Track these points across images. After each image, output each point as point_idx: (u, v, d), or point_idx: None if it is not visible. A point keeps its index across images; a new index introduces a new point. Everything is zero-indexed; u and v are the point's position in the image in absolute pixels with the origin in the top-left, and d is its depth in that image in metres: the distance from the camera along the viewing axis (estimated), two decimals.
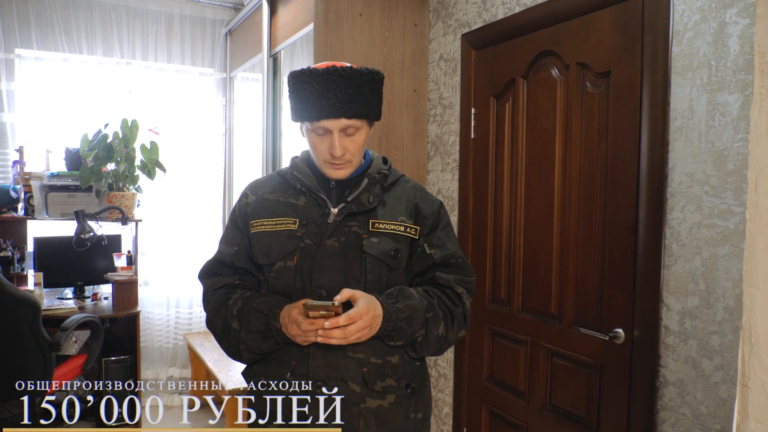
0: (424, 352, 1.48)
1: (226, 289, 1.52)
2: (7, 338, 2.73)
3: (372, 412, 1.41)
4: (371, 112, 1.44)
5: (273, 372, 1.45)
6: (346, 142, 1.42)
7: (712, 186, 1.75)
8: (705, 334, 1.78)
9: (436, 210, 1.55)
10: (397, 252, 1.46)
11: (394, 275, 1.47)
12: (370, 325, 1.33)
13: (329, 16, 2.80)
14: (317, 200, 1.49)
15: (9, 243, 3.54)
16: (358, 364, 1.41)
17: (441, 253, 1.51)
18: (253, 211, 1.53)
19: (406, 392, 1.46)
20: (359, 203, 1.47)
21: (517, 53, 2.50)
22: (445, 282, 1.50)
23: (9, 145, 3.70)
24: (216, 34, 4.27)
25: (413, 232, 1.49)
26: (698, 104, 1.79)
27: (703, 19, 1.77)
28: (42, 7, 3.75)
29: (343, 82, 1.37)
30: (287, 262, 1.45)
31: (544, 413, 2.39)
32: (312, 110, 1.39)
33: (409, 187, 1.57)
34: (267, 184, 1.59)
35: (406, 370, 1.47)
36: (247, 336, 1.43)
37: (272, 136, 3.51)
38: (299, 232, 1.45)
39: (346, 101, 1.37)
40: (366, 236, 1.45)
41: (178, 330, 4.27)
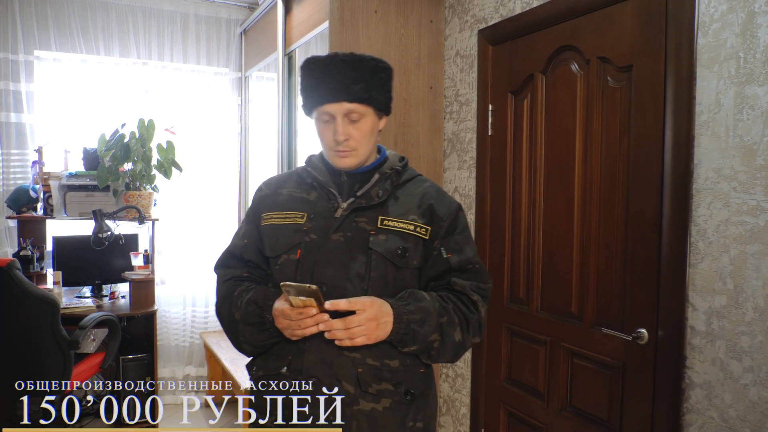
0: (440, 359, 1.44)
1: (234, 280, 1.53)
2: (26, 336, 2.75)
3: (365, 415, 1.36)
4: (374, 99, 1.43)
5: (271, 366, 1.43)
6: (349, 128, 1.41)
7: (740, 182, 1.70)
8: (733, 335, 1.73)
9: (453, 212, 1.50)
10: (405, 251, 1.42)
11: (401, 275, 1.43)
12: (376, 319, 1.31)
13: (344, 14, 2.78)
14: (327, 194, 1.48)
15: (29, 242, 3.57)
16: (353, 364, 1.37)
17: (458, 258, 1.47)
18: (266, 205, 1.54)
19: (405, 398, 1.40)
20: (368, 198, 1.45)
21: (535, 48, 2.46)
22: (460, 288, 1.46)
23: (28, 145, 3.73)
24: (231, 34, 4.28)
25: (423, 232, 1.45)
26: (725, 97, 1.74)
27: (731, 10, 1.71)
28: (60, 9, 3.78)
29: (344, 66, 1.39)
30: (290, 256, 1.44)
31: (564, 415, 2.34)
32: (315, 96, 1.41)
33: (426, 186, 1.53)
34: (281, 180, 1.60)
35: (407, 376, 1.41)
36: (244, 328, 1.43)
37: (287, 135, 3.50)
38: (306, 226, 1.44)
39: (346, 84, 1.38)
40: (373, 233, 1.42)
41: (194, 329, 4.28)
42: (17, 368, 2.79)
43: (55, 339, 2.77)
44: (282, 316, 1.33)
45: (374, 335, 1.32)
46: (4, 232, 3.71)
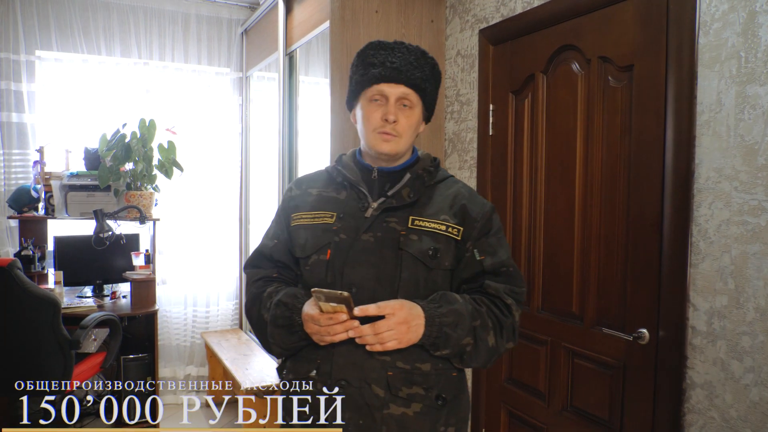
0: (473, 363, 1.40)
1: (264, 281, 1.51)
2: (27, 336, 2.75)
3: (395, 420, 1.34)
4: (428, 94, 1.46)
5: (300, 369, 1.42)
6: (400, 114, 1.41)
7: (741, 181, 1.70)
8: (735, 335, 1.72)
9: (486, 213, 1.47)
10: (437, 252, 1.39)
11: (432, 276, 1.40)
12: (406, 322, 1.28)
13: (345, 14, 2.78)
14: (358, 194, 1.46)
15: (30, 242, 3.57)
16: (382, 367, 1.34)
17: (491, 260, 1.43)
18: (296, 205, 1.53)
19: (436, 403, 1.37)
20: (399, 198, 1.43)
21: (536, 48, 2.45)
22: (494, 291, 1.42)
23: (30, 145, 3.73)
24: (232, 34, 4.28)
25: (455, 233, 1.42)
26: (727, 97, 1.73)
27: (732, 9, 1.71)
28: (61, 10, 3.78)
29: (408, 53, 1.42)
30: (321, 256, 1.42)
31: (565, 415, 2.34)
32: (373, 74, 1.41)
33: (458, 187, 1.51)
34: (311, 179, 1.58)
35: (438, 380, 1.38)
36: (273, 330, 1.41)
37: (288, 135, 3.50)
38: (335, 226, 1.42)
39: (407, 69, 1.40)
40: (404, 233, 1.39)
41: (195, 328, 4.28)
42: (18, 368, 2.79)
43: (56, 339, 2.78)
44: (311, 321, 1.31)
45: (405, 339, 1.29)
46: (6, 232, 3.71)
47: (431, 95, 1.48)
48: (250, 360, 3.55)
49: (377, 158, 1.47)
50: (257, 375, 3.30)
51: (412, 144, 1.52)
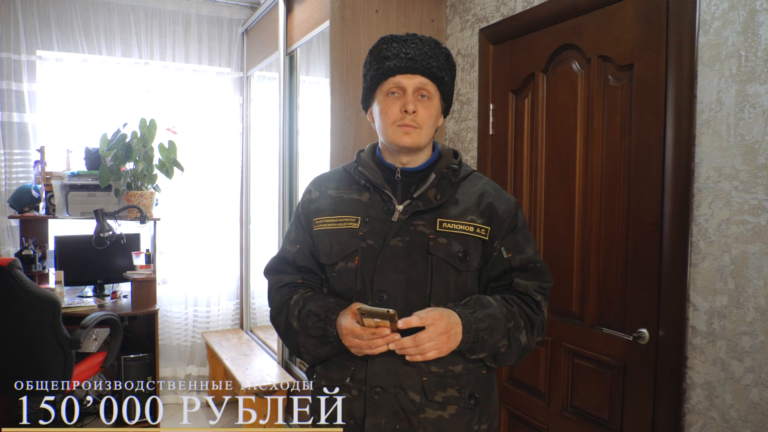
0: (506, 362, 1.40)
1: (289, 287, 1.48)
2: (28, 336, 2.76)
3: (432, 423, 1.34)
4: (445, 83, 1.43)
5: (333, 376, 1.41)
6: (418, 105, 1.38)
7: (741, 181, 1.69)
8: (735, 335, 1.72)
9: (512, 210, 1.45)
10: (466, 254, 1.37)
11: (462, 279, 1.39)
12: (446, 332, 1.27)
13: (345, 13, 2.78)
14: (382, 196, 1.42)
15: (31, 242, 3.57)
16: (418, 373, 1.34)
17: (519, 257, 1.43)
18: (317, 209, 1.49)
19: (470, 403, 1.37)
20: (426, 200, 1.40)
21: (536, 47, 2.45)
22: (523, 289, 1.42)
23: (30, 145, 3.74)
24: (233, 34, 4.27)
25: (483, 233, 1.40)
26: (727, 96, 1.73)
27: (732, 8, 1.70)
28: (62, 9, 3.79)
29: (422, 44, 1.40)
30: (348, 263, 1.39)
31: (565, 415, 2.34)
32: (389, 66, 1.38)
33: (482, 183, 1.48)
34: (331, 180, 1.54)
35: (470, 380, 1.39)
36: (305, 340, 1.39)
37: (289, 134, 3.50)
38: (361, 231, 1.39)
39: (423, 59, 1.38)
40: (433, 236, 1.37)
41: (196, 328, 4.28)
42: (18, 367, 2.80)
43: (57, 338, 2.78)
44: (352, 335, 1.29)
45: (446, 348, 1.28)
46: (7, 232, 3.72)
47: (448, 85, 1.45)
48: (251, 360, 3.55)
49: (398, 153, 1.43)
50: (258, 375, 3.30)
51: (433, 138, 1.48)
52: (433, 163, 1.47)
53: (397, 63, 1.38)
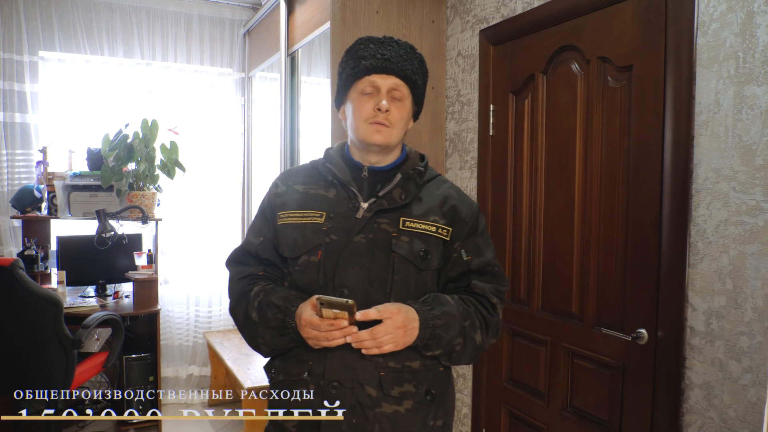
0: (460, 361, 1.44)
1: (250, 279, 1.50)
2: (30, 335, 2.77)
3: (388, 418, 1.36)
4: (417, 87, 1.47)
5: (291, 370, 1.42)
6: (391, 105, 1.42)
7: (739, 182, 1.70)
8: (733, 335, 1.72)
9: (474, 214, 1.49)
10: (427, 253, 1.41)
11: (423, 277, 1.42)
12: (403, 327, 1.30)
13: (346, 14, 2.79)
14: (348, 193, 1.45)
15: (33, 242, 3.59)
16: (375, 368, 1.36)
17: (478, 260, 1.47)
18: (282, 202, 1.50)
19: (426, 399, 1.40)
20: (391, 199, 1.43)
21: (536, 48, 2.46)
22: (480, 291, 1.46)
23: (33, 145, 3.76)
24: (234, 35, 4.29)
25: (445, 234, 1.44)
26: (725, 97, 1.73)
27: (730, 9, 1.71)
28: (64, 10, 3.80)
29: (398, 47, 1.44)
30: (311, 257, 1.41)
31: (565, 415, 2.34)
32: (364, 66, 1.42)
33: (446, 187, 1.52)
34: (298, 175, 1.56)
35: (427, 376, 1.41)
36: (264, 331, 1.41)
37: (290, 135, 3.51)
38: (325, 227, 1.42)
39: (398, 61, 1.42)
40: (396, 234, 1.40)
41: (197, 328, 4.30)
42: (20, 367, 2.81)
43: (59, 338, 2.79)
44: (310, 327, 1.31)
45: (402, 342, 1.31)
46: (9, 232, 3.74)
47: (421, 89, 1.49)
48: (252, 360, 3.55)
49: (367, 151, 1.46)
50: (259, 375, 3.30)
51: (402, 140, 1.51)
52: (400, 164, 1.50)
53: (373, 63, 1.41)
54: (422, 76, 1.49)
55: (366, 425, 1.35)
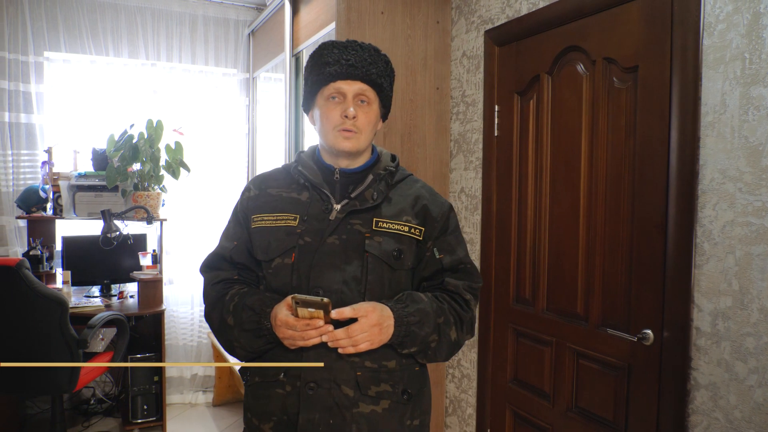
0: (436, 358, 1.45)
1: (224, 283, 1.50)
2: (35, 335, 2.78)
3: (365, 417, 1.37)
4: (384, 90, 1.47)
5: (267, 372, 1.43)
6: (358, 110, 1.42)
7: (746, 183, 1.70)
8: (739, 336, 1.72)
9: (445, 213, 1.51)
10: (400, 253, 1.42)
11: (396, 276, 1.43)
12: (378, 324, 1.31)
13: (351, 15, 2.79)
14: (320, 196, 1.46)
15: (38, 242, 3.60)
16: (351, 368, 1.37)
17: (450, 258, 1.48)
18: (255, 206, 1.51)
19: (402, 398, 1.41)
20: (363, 200, 1.44)
21: (541, 49, 2.46)
22: (453, 288, 1.47)
23: (38, 146, 3.77)
24: (239, 35, 4.30)
25: (418, 233, 1.45)
26: (731, 98, 1.73)
27: (736, 10, 1.71)
28: (70, 11, 3.81)
29: (362, 51, 1.44)
30: (285, 259, 1.42)
31: (570, 415, 2.34)
32: (329, 72, 1.42)
33: (418, 187, 1.54)
34: (271, 178, 1.57)
35: (403, 376, 1.43)
36: (240, 334, 1.42)
37: (294, 136, 3.51)
38: (299, 229, 1.42)
39: (363, 66, 1.42)
40: (369, 235, 1.41)
41: (202, 328, 4.30)
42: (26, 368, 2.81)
43: (64, 338, 2.80)
44: (285, 327, 1.31)
45: (377, 340, 1.32)
46: (14, 232, 3.74)
47: (387, 91, 1.50)
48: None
49: (338, 156, 1.47)
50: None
51: (372, 142, 1.53)
52: (371, 165, 1.51)
53: (338, 69, 1.41)
54: (388, 78, 1.49)
55: (344, 426, 1.36)
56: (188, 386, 4.26)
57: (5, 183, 3.69)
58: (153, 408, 3.68)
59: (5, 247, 3.71)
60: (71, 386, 2.88)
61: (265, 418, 1.42)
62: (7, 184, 3.71)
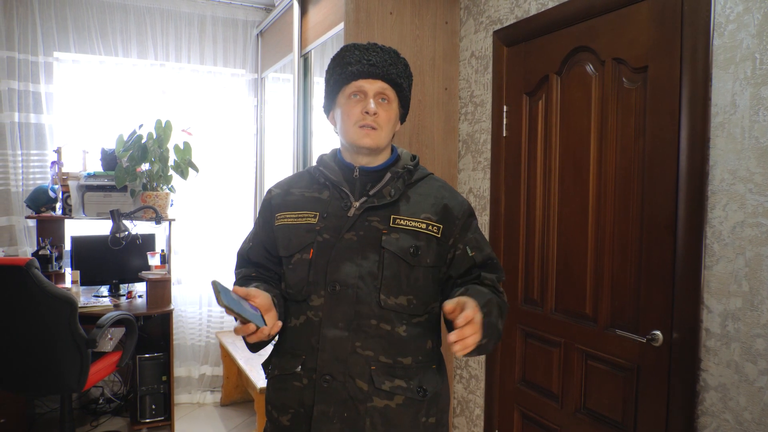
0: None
1: (244, 279, 1.57)
2: (44, 335, 2.79)
3: (378, 412, 1.38)
4: (403, 90, 1.51)
5: (285, 365, 1.46)
6: (379, 107, 1.45)
7: (756, 183, 1.69)
8: (748, 338, 1.72)
9: (466, 211, 1.53)
10: (417, 249, 1.43)
11: (415, 273, 1.44)
12: (480, 321, 1.22)
13: (359, 15, 2.80)
14: (340, 193, 1.49)
15: (47, 242, 3.62)
16: (366, 362, 1.39)
17: (481, 255, 1.50)
18: (278, 205, 1.56)
19: (418, 395, 1.42)
20: (381, 197, 1.46)
21: (550, 49, 2.45)
22: (490, 282, 1.49)
23: (47, 146, 3.79)
24: (247, 36, 4.31)
25: (436, 231, 1.46)
26: (741, 99, 1.73)
27: (747, 10, 1.70)
28: (79, 11, 3.84)
29: (382, 52, 1.48)
30: (303, 255, 1.46)
31: (579, 417, 2.34)
32: (350, 71, 1.45)
33: (438, 186, 1.55)
34: (293, 180, 1.62)
35: (419, 372, 1.44)
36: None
37: (303, 136, 3.52)
38: (318, 226, 1.46)
39: (384, 66, 1.46)
40: (386, 231, 1.43)
41: (210, 328, 4.32)
42: (35, 366, 2.83)
43: (73, 337, 2.81)
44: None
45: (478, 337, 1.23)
46: (24, 232, 3.77)
47: (406, 92, 1.53)
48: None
49: (358, 154, 1.50)
50: None
51: (391, 141, 1.55)
52: (391, 164, 1.54)
53: (360, 68, 1.45)
54: (407, 80, 1.53)
55: (357, 419, 1.38)
56: (196, 386, 4.27)
57: (15, 183, 3.72)
58: (161, 408, 3.69)
59: (15, 247, 3.73)
60: (80, 386, 2.89)
61: (283, 410, 1.45)
62: (17, 184, 3.73)
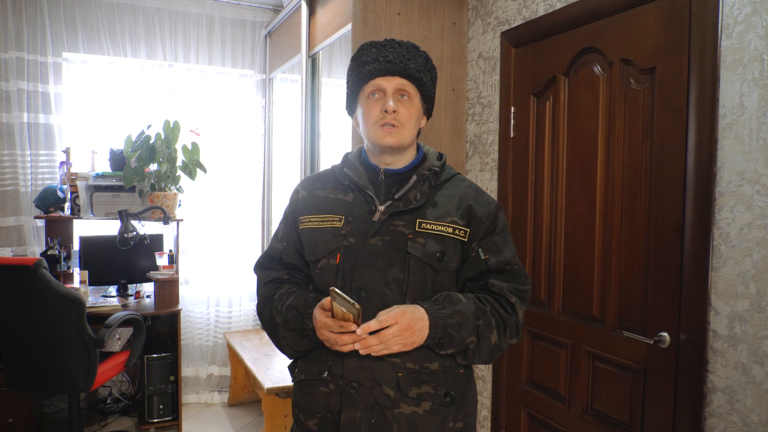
0: (476, 360, 1.43)
1: (275, 283, 1.54)
2: (52, 335, 2.81)
3: (406, 418, 1.37)
4: (424, 84, 1.47)
5: (312, 370, 1.45)
6: (399, 105, 1.43)
7: (763, 185, 1.68)
8: (756, 339, 1.71)
9: (492, 213, 1.48)
10: (443, 254, 1.41)
11: (440, 278, 1.42)
12: (410, 328, 1.29)
13: (367, 16, 2.80)
14: (365, 197, 1.47)
15: (56, 242, 3.64)
16: (393, 368, 1.37)
17: (496, 259, 1.46)
18: (303, 207, 1.54)
19: (445, 400, 1.40)
20: (406, 201, 1.44)
21: (558, 50, 2.45)
22: (498, 290, 1.45)
23: (56, 146, 3.81)
24: (256, 36, 4.32)
25: (462, 234, 1.43)
26: (749, 100, 1.72)
27: (755, 12, 1.70)
28: (88, 12, 3.86)
29: (400, 48, 1.45)
30: (330, 260, 1.44)
31: (586, 418, 2.33)
32: (368, 70, 1.44)
33: (464, 186, 1.52)
34: (318, 181, 1.59)
35: (446, 378, 1.42)
36: (285, 333, 1.45)
37: (311, 137, 3.53)
38: (344, 230, 1.44)
39: (401, 61, 1.43)
40: (412, 236, 1.41)
41: (218, 328, 4.33)
42: (43, 366, 2.85)
43: (81, 337, 2.83)
44: (324, 328, 1.32)
45: (410, 342, 1.31)
46: (32, 232, 3.79)
47: (428, 86, 1.50)
48: (272, 360, 3.58)
49: (382, 153, 1.48)
50: (279, 375, 3.32)
51: (416, 139, 1.52)
52: (416, 165, 1.51)
53: (376, 66, 1.43)
54: (428, 74, 1.49)
55: (385, 426, 1.37)
56: (204, 386, 4.29)
57: (24, 183, 3.74)
58: (169, 407, 3.71)
59: (23, 247, 3.75)
60: (88, 385, 2.91)
61: (310, 414, 1.44)
62: (26, 184, 3.75)
